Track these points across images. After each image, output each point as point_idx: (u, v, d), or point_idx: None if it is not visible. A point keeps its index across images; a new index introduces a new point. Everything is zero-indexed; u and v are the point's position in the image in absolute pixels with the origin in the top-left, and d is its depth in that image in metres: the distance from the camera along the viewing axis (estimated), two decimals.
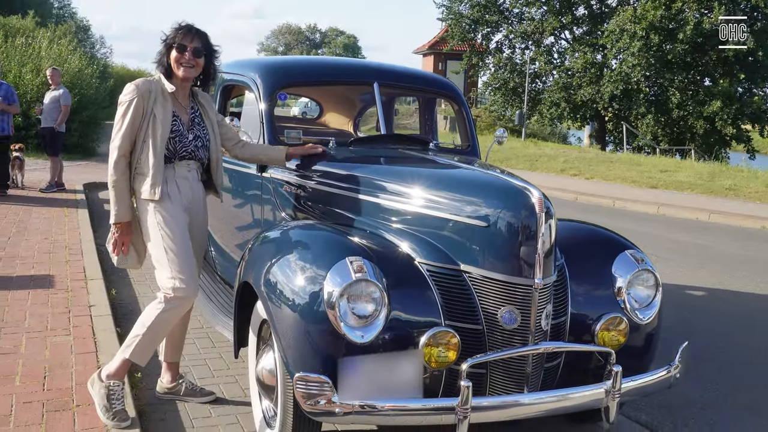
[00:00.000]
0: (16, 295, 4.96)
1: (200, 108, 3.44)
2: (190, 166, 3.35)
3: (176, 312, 3.21)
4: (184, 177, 3.32)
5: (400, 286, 2.67)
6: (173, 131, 3.25)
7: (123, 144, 3.19)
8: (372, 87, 4.22)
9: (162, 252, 3.19)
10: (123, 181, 3.22)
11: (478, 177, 3.17)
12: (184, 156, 3.30)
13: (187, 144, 3.30)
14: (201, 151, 3.37)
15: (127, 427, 3.06)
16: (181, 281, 3.15)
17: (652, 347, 3.13)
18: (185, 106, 3.37)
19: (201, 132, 3.38)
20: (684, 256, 8.28)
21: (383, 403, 2.51)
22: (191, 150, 3.32)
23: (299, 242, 3.00)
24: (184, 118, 3.33)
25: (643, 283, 3.06)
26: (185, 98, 3.39)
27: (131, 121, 3.18)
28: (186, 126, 3.32)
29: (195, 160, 3.36)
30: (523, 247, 2.65)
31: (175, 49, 3.25)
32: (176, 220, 3.24)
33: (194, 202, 3.39)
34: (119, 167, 3.20)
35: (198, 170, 3.42)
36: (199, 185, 3.44)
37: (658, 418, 3.72)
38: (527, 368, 2.71)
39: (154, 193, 3.19)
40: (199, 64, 3.30)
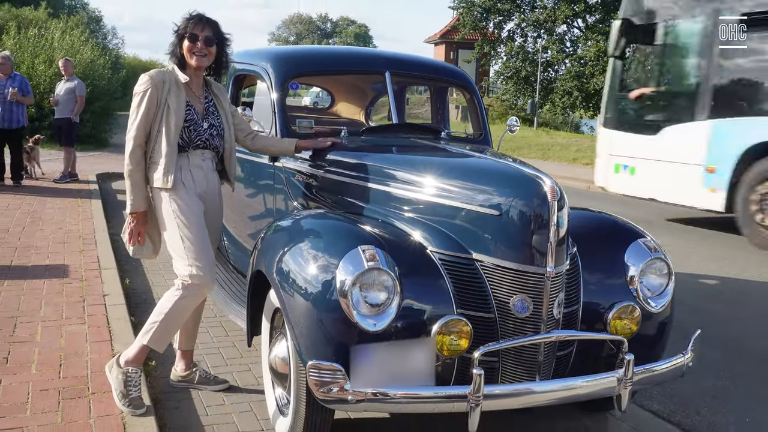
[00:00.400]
0: (32, 285, 5.01)
1: (214, 98, 3.46)
2: (205, 155, 3.37)
3: (194, 299, 3.25)
4: (198, 166, 3.34)
5: (412, 275, 2.67)
6: (187, 120, 3.27)
7: (138, 134, 3.22)
8: (383, 76, 4.22)
9: (178, 240, 3.21)
10: (139, 171, 3.24)
11: (490, 166, 3.17)
12: (199, 145, 3.32)
13: (202, 132, 3.33)
14: (216, 140, 3.40)
15: (141, 414, 3.09)
16: (198, 268, 3.18)
17: (665, 336, 3.12)
18: (199, 95, 3.39)
19: (215, 121, 3.40)
20: (698, 243, 8.23)
21: (396, 391, 2.52)
22: (206, 138, 3.34)
23: (311, 231, 3.01)
24: (198, 108, 3.35)
25: (656, 272, 3.05)
26: (199, 88, 3.40)
27: (146, 111, 3.20)
28: (200, 115, 3.34)
29: (210, 149, 3.38)
30: (535, 236, 2.64)
31: (187, 38, 3.26)
32: (191, 208, 3.26)
33: (209, 190, 3.40)
34: (135, 157, 3.23)
35: (213, 159, 3.43)
36: (215, 174, 3.46)
37: (670, 407, 3.72)
38: (539, 356, 2.71)
39: (167, 181, 3.21)
40: (212, 53, 3.32)
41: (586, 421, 3.44)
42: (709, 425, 3.55)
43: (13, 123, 9.46)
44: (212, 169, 3.44)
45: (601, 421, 3.45)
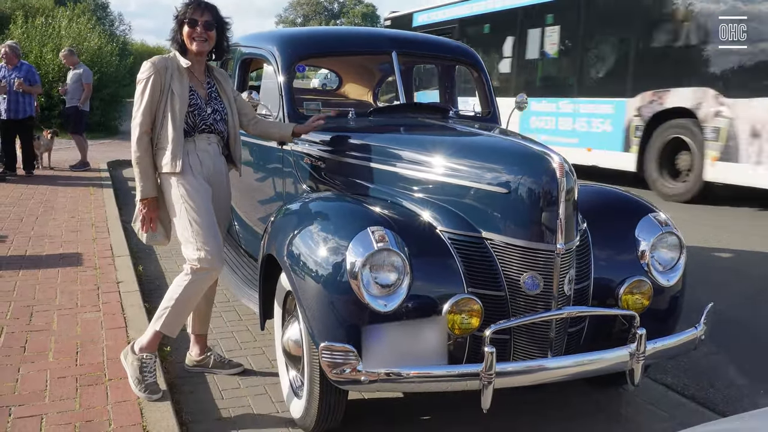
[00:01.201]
0: (46, 274, 5.06)
1: (216, 83, 3.47)
2: (210, 139, 3.38)
3: (203, 283, 3.26)
4: (204, 150, 3.35)
5: (422, 255, 2.67)
6: (191, 105, 3.28)
7: (144, 121, 3.22)
8: (390, 56, 4.19)
9: (187, 224, 3.23)
10: (146, 157, 3.25)
11: (498, 143, 3.16)
12: (204, 129, 3.34)
13: (206, 117, 3.34)
14: (220, 125, 3.41)
15: (158, 399, 3.13)
16: (207, 252, 3.20)
17: (677, 310, 3.11)
18: (202, 80, 3.40)
19: (218, 106, 3.41)
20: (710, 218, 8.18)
21: (408, 371, 2.53)
22: (210, 123, 3.36)
23: (321, 214, 3.01)
24: (201, 93, 3.36)
25: (667, 246, 3.04)
26: (201, 73, 3.41)
27: (150, 97, 3.21)
28: (204, 100, 3.35)
29: (215, 133, 3.39)
30: (544, 213, 2.64)
31: (187, 24, 3.26)
32: (199, 193, 3.27)
33: (216, 174, 3.42)
34: (142, 144, 3.24)
35: (219, 144, 3.44)
36: (221, 159, 3.48)
37: (683, 380, 3.72)
38: (551, 333, 2.71)
39: (175, 165, 3.22)
40: (212, 37, 3.32)
41: (599, 396, 3.45)
42: (723, 398, 3.55)
43: (20, 113, 9.47)
44: (218, 153, 3.45)
45: (614, 396, 3.45)
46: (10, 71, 9.43)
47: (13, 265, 5.26)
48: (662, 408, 3.37)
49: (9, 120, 9.41)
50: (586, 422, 3.20)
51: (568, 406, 3.33)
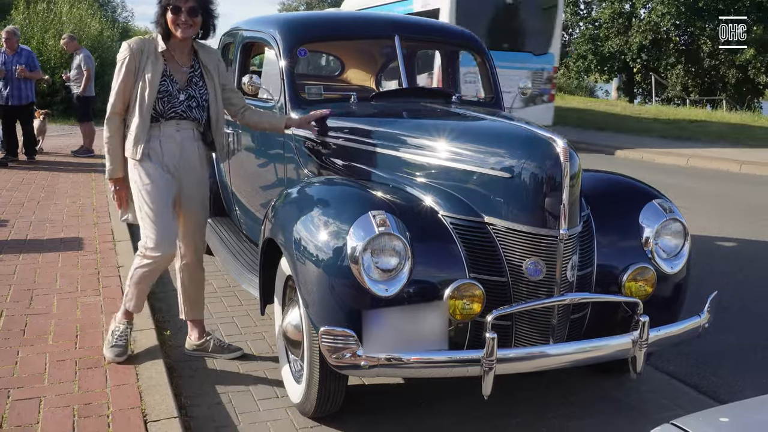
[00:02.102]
0: (47, 258, 5.04)
1: (202, 67, 3.38)
2: (181, 125, 3.32)
3: (151, 268, 3.32)
4: (170, 136, 3.30)
5: (423, 240, 2.65)
6: (161, 91, 3.22)
7: (116, 102, 3.24)
8: (393, 40, 4.15)
9: (139, 210, 3.28)
10: (116, 138, 3.27)
11: (501, 128, 3.12)
12: (173, 116, 3.28)
13: (177, 105, 3.27)
14: (195, 112, 3.33)
15: (121, 361, 3.32)
16: (152, 240, 3.23)
17: (681, 297, 3.09)
18: (183, 64, 3.33)
19: (197, 92, 3.33)
20: (714, 207, 8.15)
21: (409, 356, 2.51)
22: (181, 111, 3.29)
23: (322, 198, 2.99)
24: (179, 77, 3.30)
25: (671, 233, 3.01)
26: (184, 56, 3.35)
27: (123, 79, 3.21)
28: (179, 85, 3.28)
29: (188, 119, 3.32)
30: (547, 198, 2.61)
31: (170, 11, 3.19)
32: (153, 180, 3.25)
33: (183, 161, 3.35)
34: (111, 124, 3.26)
35: (195, 129, 3.38)
36: (194, 145, 3.39)
37: (686, 369, 3.70)
38: (553, 320, 2.69)
39: (135, 152, 3.23)
40: (197, 23, 3.25)
41: (601, 384, 3.43)
42: (726, 386, 3.53)
43: (22, 99, 9.44)
44: (192, 139, 3.37)
45: (615, 384, 3.43)
46: (10, 57, 9.38)
47: (14, 249, 5.25)
48: (664, 396, 3.35)
49: (10, 105, 9.38)
50: (588, 410, 3.18)
51: (569, 394, 3.32)
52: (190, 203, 3.44)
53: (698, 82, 29.38)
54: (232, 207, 5.05)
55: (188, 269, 3.57)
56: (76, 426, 2.76)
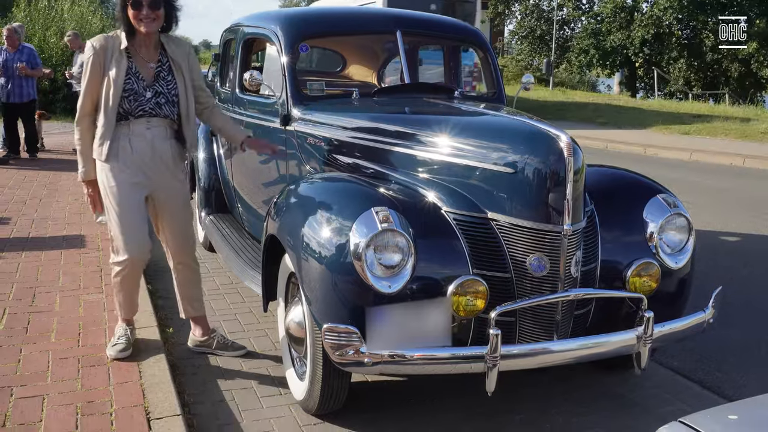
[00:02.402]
0: (50, 256, 5.04)
1: (170, 61, 3.29)
2: (151, 123, 3.24)
3: (123, 274, 3.31)
4: (140, 134, 3.23)
5: (426, 236, 2.64)
6: (126, 90, 3.15)
7: (84, 103, 3.20)
8: (395, 36, 4.13)
9: (107, 212, 3.26)
10: (86, 139, 3.23)
11: (504, 123, 3.11)
12: (142, 114, 3.20)
13: (144, 102, 3.20)
14: (165, 108, 3.25)
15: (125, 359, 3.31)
16: (119, 243, 3.23)
17: (685, 293, 3.08)
18: (149, 59, 3.25)
19: (165, 87, 3.25)
20: (718, 201, 8.13)
21: (412, 353, 2.51)
22: (149, 108, 3.21)
23: (324, 194, 2.98)
24: (145, 74, 3.22)
25: (676, 228, 2.99)
26: (150, 52, 3.26)
27: (90, 79, 3.17)
28: (146, 82, 3.21)
29: (158, 117, 3.24)
30: (551, 193, 2.59)
31: (131, 6, 3.11)
32: (119, 182, 3.20)
33: (156, 160, 3.28)
34: (81, 125, 3.22)
35: (167, 127, 3.30)
36: (167, 143, 3.31)
37: (690, 364, 3.68)
38: (557, 316, 2.68)
39: (101, 153, 3.19)
40: (160, 16, 3.16)
41: (605, 380, 3.42)
42: (730, 382, 3.51)
43: (23, 97, 9.44)
44: (164, 137, 3.29)
45: (619, 380, 3.42)
46: (11, 54, 9.38)
47: (17, 246, 5.25)
48: (668, 392, 3.34)
49: (11, 103, 9.38)
50: (591, 406, 3.17)
51: (573, 390, 3.31)
52: (169, 202, 3.38)
53: (701, 76, 29.28)
54: (234, 204, 5.05)
55: (181, 268, 3.54)
56: (79, 424, 2.75)
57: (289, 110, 3.86)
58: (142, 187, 3.27)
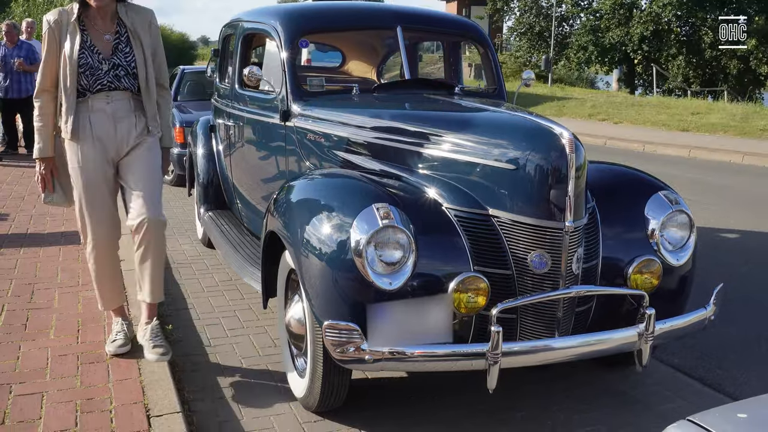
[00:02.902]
0: (48, 252, 5.02)
1: (128, 31, 3.17)
2: (112, 97, 3.15)
3: (93, 258, 3.28)
4: (100, 110, 3.14)
5: (427, 232, 2.62)
6: (81, 65, 3.08)
7: (42, 79, 3.16)
8: (395, 31, 4.11)
9: (74, 193, 3.23)
10: (44, 116, 3.19)
11: (505, 119, 3.09)
12: (101, 89, 3.12)
13: (102, 76, 3.11)
14: (125, 81, 3.15)
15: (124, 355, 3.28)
16: (84, 224, 3.20)
17: (687, 290, 3.07)
18: (106, 31, 3.15)
19: (123, 59, 3.14)
20: (717, 198, 8.12)
21: (413, 350, 2.50)
22: (107, 82, 3.12)
23: (325, 190, 2.96)
24: (102, 47, 3.13)
25: (677, 225, 2.98)
26: (106, 23, 3.16)
27: (47, 55, 3.13)
28: (102, 55, 3.11)
29: (119, 90, 3.15)
30: (553, 190, 2.58)
31: None
32: (82, 160, 3.16)
33: (118, 134, 3.18)
34: (39, 102, 3.18)
35: (130, 99, 3.20)
36: (131, 116, 3.21)
37: (691, 361, 3.68)
38: (558, 313, 2.67)
39: (65, 130, 3.14)
40: None
41: (606, 377, 3.41)
42: (731, 379, 3.51)
43: (22, 92, 9.40)
44: (128, 110, 3.19)
45: (620, 377, 3.41)
46: (10, 50, 9.34)
47: (15, 243, 5.23)
48: (669, 389, 3.33)
49: (9, 99, 9.35)
50: (592, 403, 3.16)
51: (574, 387, 3.30)
52: (132, 180, 3.20)
53: (699, 73, 29.26)
54: (233, 200, 5.03)
55: (143, 244, 3.21)
56: (79, 421, 2.74)
57: (288, 106, 3.85)
58: (107, 164, 3.19)
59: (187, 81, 9.55)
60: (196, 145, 5.50)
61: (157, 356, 3.16)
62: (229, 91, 4.86)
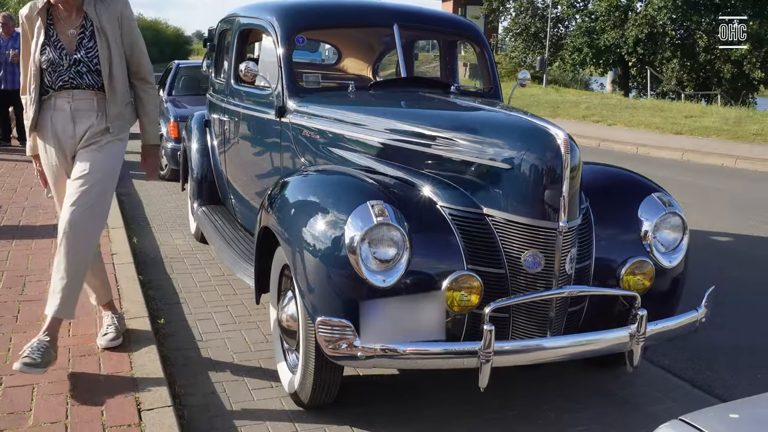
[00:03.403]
0: (40, 244, 5.01)
1: (94, 23, 3.01)
2: (75, 95, 3.02)
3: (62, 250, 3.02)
4: (60, 109, 3.04)
5: (421, 230, 2.63)
6: (44, 61, 2.97)
7: (24, 75, 3.12)
8: (392, 29, 4.12)
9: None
10: (28, 113, 3.12)
11: (501, 119, 3.10)
12: (64, 86, 3.01)
13: (63, 73, 2.99)
14: (87, 78, 3.01)
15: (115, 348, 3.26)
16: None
17: (678, 292, 3.08)
18: (71, 25, 3.02)
19: (86, 55, 3.00)
20: (710, 201, 8.16)
21: (405, 347, 2.50)
22: (68, 79, 2.99)
23: (319, 187, 2.97)
24: (67, 41, 3.00)
25: (670, 227, 3.00)
26: (72, 17, 3.02)
27: (23, 51, 3.10)
28: (66, 51, 2.99)
29: (81, 88, 3.02)
30: (547, 190, 2.59)
31: None
32: (46, 158, 3.13)
33: (79, 135, 3.05)
34: (25, 99, 3.13)
35: (95, 98, 3.05)
36: (92, 115, 3.06)
37: (681, 363, 3.70)
38: (550, 312, 2.68)
39: (32, 127, 3.10)
40: None
41: (596, 377, 3.42)
42: (721, 381, 3.53)
43: (16, 84, 9.34)
44: (91, 110, 3.05)
45: (611, 377, 3.43)
46: (5, 41, 9.29)
47: (7, 234, 5.21)
48: (659, 390, 3.35)
49: (3, 90, 9.30)
50: (583, 403, 3.18)
51: (565, 386, 3.31)
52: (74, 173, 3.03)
53: (693, 76, 29.35)
54: (227, 195, 5.02)
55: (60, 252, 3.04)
56: (69, 414, 2.73)
57: (284, 102, 3.84)
58: (68, 164, 3.11)
59: (182, 76, 9.52)
60: (191, 139, 5.49)
61: (20, 365, 2.82)
62: (224, 87, 4.86)
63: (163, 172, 8.21)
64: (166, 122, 8.12)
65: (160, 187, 7.75)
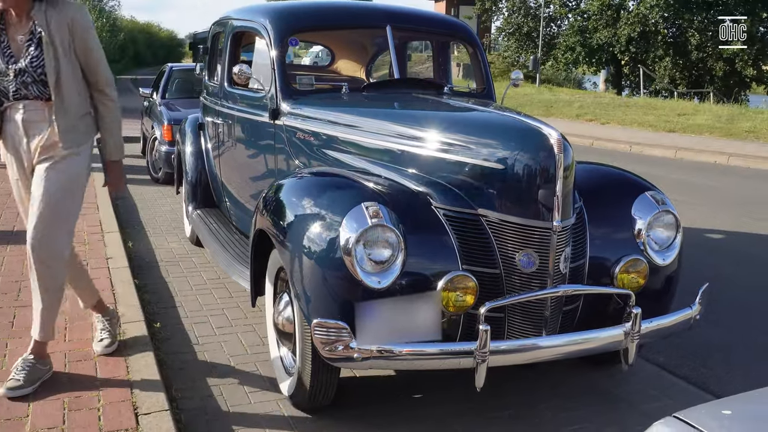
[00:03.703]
0: None
1: (43, 29, 2.80)
2: (27, 106, 2.86)
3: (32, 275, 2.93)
4: (12, 120, 2.90)
5: (416, 231, 2.64)
6: None
7: None
8: (385, 30, 4.13)
9: None
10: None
11: (494, 119, 3.11)
12: (16, 96, 2.85)
13: (8, 83, 2.84)
14: (32, 88, 2.84)
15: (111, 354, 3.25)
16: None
17: (672, 289, 3.10)
18: (20, 31, 2.84)
19: (29, 64, 2.81)
20: (703, 199, 8.19)
21: (401, 348, 2.51)
22: (14, 89, 2.84)
23: (314, 189, 2.97)
24: (15, 48, 2.84)
25: (664, 225, 3.01)
26: (22, 23, 2.84)
27: None
28: (13, 58, 2.82)
29: (31, 99, 2.86)
30: (541, 190, 2.60)
31: None
32: (9, 170, 3.06)
33: (30, 147, 2.92)
34: None
35: (46, 110, 2.87)
36: (43, 127, 2.89)
37: (676, 360, 3.71)
38: (546, 312, 2.69)
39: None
40: None
41: (592, 375, 3.44)
42: (715, 378, 3.55)
43: None
44: (44, 122, 2.88)
45: (606, 375, 3.44)
46: None
47: (1, 240, 5.19)
48: (655, 388, 3.36)
49: None
50: (579, 401, 3.19)
51: (560, 385, 3.32)
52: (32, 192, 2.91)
53: (686, 74, 29.44)
54: (221, 198, 5.03)
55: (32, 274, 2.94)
56: (67, 419, 2.73)
57: (278, 104, 3.85)
58: (27, 177, 2.99)
59: (176, 78, 9.51)
60: (185, 142, 5.49)
61: (4, 390, 2.83)
62: (218, 89, 4.86)
63: (158, 176, 8.21)
64: (159, 125, 8.12)
65: (155, 191, 7.74)
